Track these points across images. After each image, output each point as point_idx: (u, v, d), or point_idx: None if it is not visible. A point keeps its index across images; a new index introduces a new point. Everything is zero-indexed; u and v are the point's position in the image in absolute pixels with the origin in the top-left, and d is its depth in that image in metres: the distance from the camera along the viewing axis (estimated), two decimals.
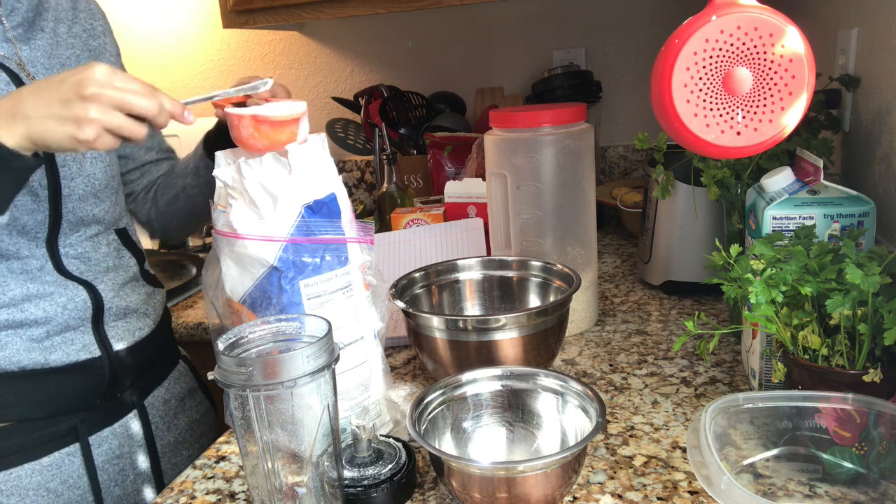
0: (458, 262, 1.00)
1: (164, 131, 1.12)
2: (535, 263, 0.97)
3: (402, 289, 0.94)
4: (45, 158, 0.83)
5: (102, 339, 0.92)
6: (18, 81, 0.85)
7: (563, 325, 0.88)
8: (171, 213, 1.08)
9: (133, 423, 0.97)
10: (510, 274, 0.99)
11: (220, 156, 0.76)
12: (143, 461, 0.97)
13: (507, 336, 0.81)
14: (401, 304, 0.87)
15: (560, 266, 0.94)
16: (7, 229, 0.83)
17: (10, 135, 0.69)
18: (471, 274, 1.00)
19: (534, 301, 0.98)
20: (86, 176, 0.91)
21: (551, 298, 0.95)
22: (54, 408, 0.89)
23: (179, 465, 1.03)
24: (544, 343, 0.84)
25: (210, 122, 1.04)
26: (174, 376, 1.05)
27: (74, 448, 0.90)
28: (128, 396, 0.97)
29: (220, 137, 1.01)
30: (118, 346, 0.94)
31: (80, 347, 0.90)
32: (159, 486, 0.99)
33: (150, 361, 1.01)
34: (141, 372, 0.99)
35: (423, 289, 0.98)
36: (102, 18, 1.02)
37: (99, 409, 0.93)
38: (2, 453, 0.86)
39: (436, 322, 0.83)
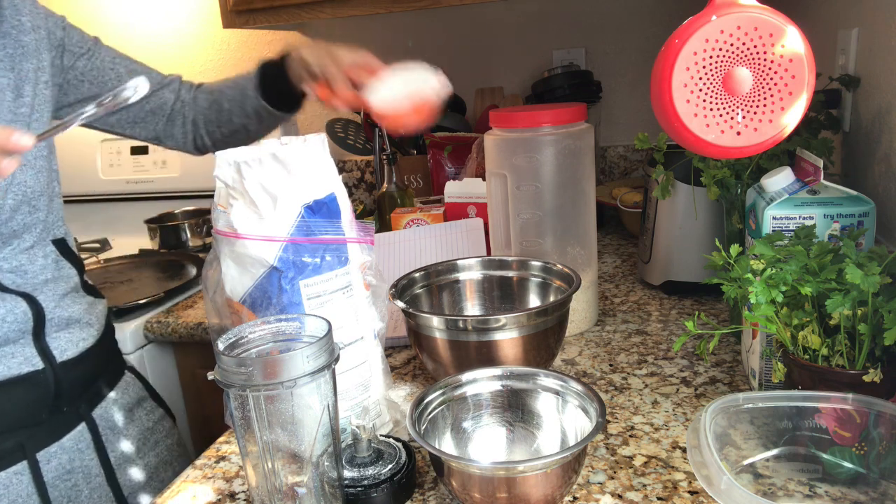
0: (458, 262, 1.00)
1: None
2: (535, 263, 0.97)
3: (402, 289, 0.94)
4: None
5: (45, 351, 0.89)
6: None
7: (563, 325, 0.88)
8: (232, 142, 1.11)
9: (83, 437, 0.94)
10: (510, 274, 0.99)
11: (220, 156, 0.76)
12: (96, 475, 0.95)
13: (507, 336, 0.81)
14: (401, 304, 0.87)
15: (560, 266, 0.94)
16: None
17: None
18: (471, 274, 1.00)
19: (534, 301, 0.98)
20: (17, 185, 0.86)
21: (551, 298, 0.95)
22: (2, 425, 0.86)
23: (137, 475, 1.00)
24: (544, 343, 0.84)
25: None
26: (121, 387, 1.02)
27: (22, 466, 0.87)
28: (75, 409, 0.93)
29: (276, 80, 1.05)
30: (62, 357, 0.91)
31: (21, 360, 0.87)
32: (118, 499, 0.97)
33: (96, 372, 0.98)
34: (87, 384, 0.96)
35: (423, 289, 0.98)
36: (25, 13, 0.93)
37: (45, 423, 0.90)
38: None
39: (436, 322, 0.83)
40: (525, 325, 0.81)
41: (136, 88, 0.70)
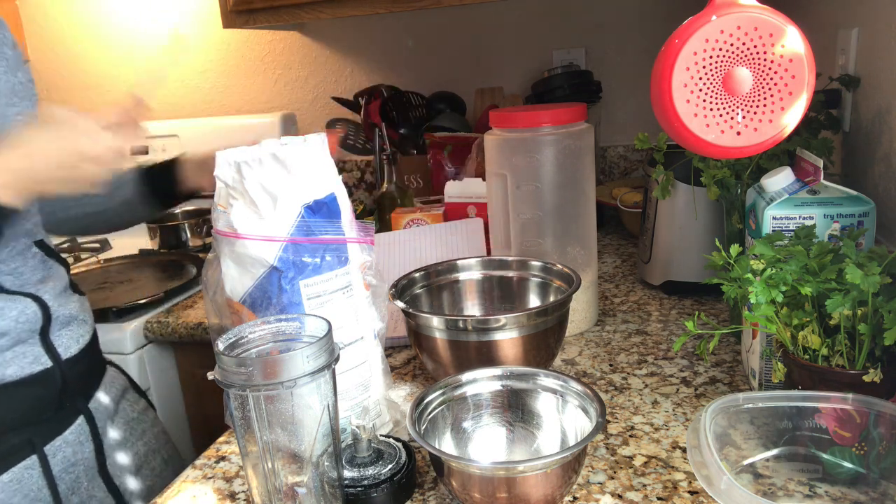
0: (458, 262, 1.00)
1: (164, 130, 1.13)
2: (535, 263, 0.97)
3: (402, 289, 0.94)
4: None
5: (51, 349, 0.91)
6: None
7: (563, 325, 0.88)
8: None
9: (82, 429, 0.95)
10: (510, 274, 0.99)
11: (220, 156, 0.76)
12: (92, 465, 0.96)
13: (507, 336, 0.81)
14: (401, 304, 0.87)
15: (560, 266, 0.94)
16: None
17: None
18: (471, 274, 1.00)
19: (534, 301, 0.98)
20: None
21: (551, 298, 0.95)
22: (10, 422, 0.88)
23: (126, 462, 1.03)
24: (544, 343, 0.84)
25: (205, 123, 1.04)
26: (107, 380, 1.04)
27: (32, 461, 0.89)
28: (73, 404, 0.95)
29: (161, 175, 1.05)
30: (66, 354, 0.93)
31: (31, 360, 0.88)
32: (110, 488, 0.98)
33: (92, 367, 1.00)
34: (86, 378, 0.98)
35: (423, 289, 0.98)
36: (6, 28, 0.94)
37: (51, 419, 0.92)
38: None
39: (436, 322, 0.83)
40: (525, 325, 0.81)
41: None
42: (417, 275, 0.97)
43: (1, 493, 0.86)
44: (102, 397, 1.01)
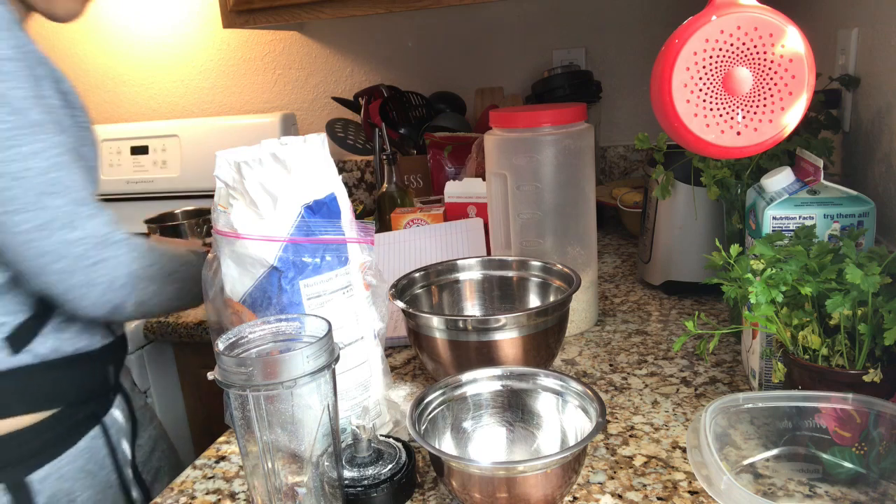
0: (458, 262, 1.00)
1: (164, 130, 1.14)
2: (535, 263, 0.97)
3: (402, 289, 0.94)
4: None
5: (109, 325, 0.99)
6: None
7: (563, 325, 0.88)
8: None
9: (122, 404, 1.02)
10: (510, 274, 0.99)
11: (220, 156, 0.76)
12: (128, 437, 1.03)
13: (507, 336, 0.81)
14: (401, 304, 0.87)
15: (560, 266, 0.94)
16: None
17: None
18: (471, 274, 1.00)
19: (534, 301, 0.98)
20: None
21: (551, 298, 0.95)
22: (91, 390, 0.96)
23: (144, 439, 1.07)
24: (544, 343, 0.84)
25: (205, 123, 1.05)
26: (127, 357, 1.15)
27: (97, 431, 0.96)
28: (117, 379, 1.03)
29: None
30: (118, 332, 1.01)
31: (107, 332, 0.97)
32: (131, 463, 1.04)
33: (125, 347, 1.08)
34: (125, 356, 1.07)
35: (423, 289, 0.98)
36: None
37: (110, 390, 1.00)
38: (52, 442, 0.91)
39: (436, 322, 0.83)
40: (525, 325, 0.81)
41: None
42: (417, 275, 0.97)
43: (78, 459, 0.93)
44: (124, 377, 1.08)
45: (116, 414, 1.00)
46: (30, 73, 0.80)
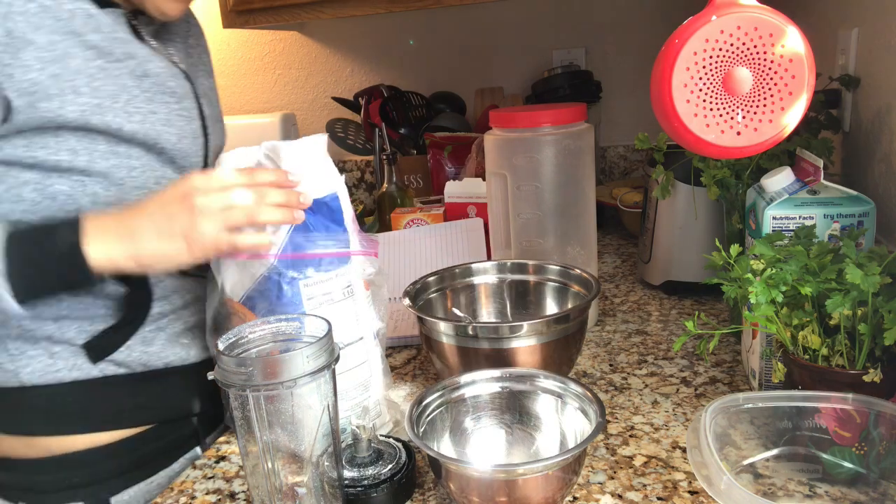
0: (473, 265, 0.98)
1: None
2: (554, 267, 0.95)
3: (416, 293, 0.91)
4: (203, 160, 0.87)
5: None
6: (193, 87, 0.88)
7: (583, 332, 0.85)
8: None
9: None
10: (527, 278, 0.97)
11: (224, 157, 0.76)
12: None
13: (525, 344, 0.79)
14: (415, 310, 0.84)
15: (578, 271, 0.92)
16: None
17: (108, 251, 0.69)
18: (486, 278, 0.98)
19: (551, 306, 0.96)
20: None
21: (569, 304, 0.93)
22: (186, 408, 0.90)
23: None
24: (566, 353, 0.83)
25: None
26: None
27: (195, 453, 0.91)
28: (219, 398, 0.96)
29: None
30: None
31: (199, 348, 0.90)
32: None
33: None
34: None
35: (437, 293, 0.96)
36: (204, 36, 1.02)
37: (213, 409, 0.94)
38: (144, 461, 0.86)
39: (443, 327, 0.82)
40: (544, 332, 0.79)
41: None
42: (432, 279, 0.95)
43: (172, 482, 0.86)
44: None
45: (216, 434, 0.93)
46: None
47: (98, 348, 0.82)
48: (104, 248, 0.70)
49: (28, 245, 0.70)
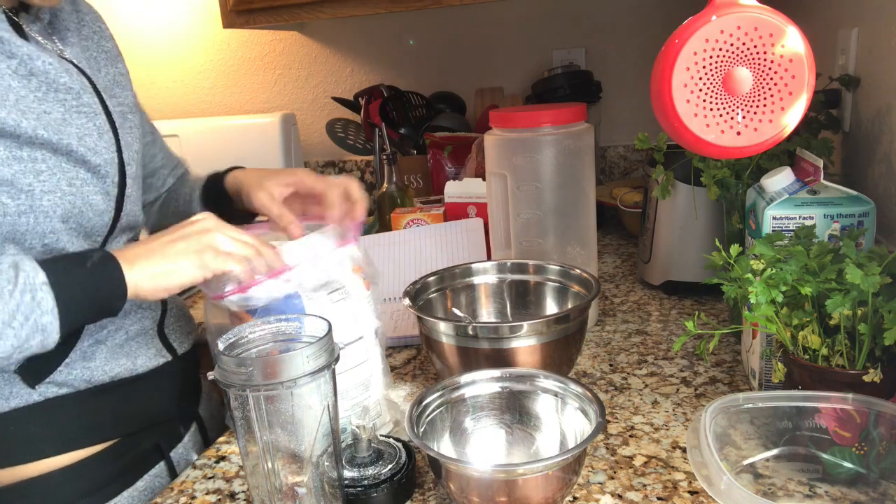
0: (473, 265, 0.98)
1: (164, 130, 1.12)
2: (554, 267, 0.95)
3: (416, 293, 0.91)
4: (117, 156, 0.83)
5: (168, 343, 0.90)
6: (91, 81, 0.83)
7: (583, 332, 0.85)
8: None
9: (196, 437, 0.93)
10: (527, 278, 0.97)
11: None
12: None
13: (525, 344, 0.79)
14: (411, 307, 0.84)
15: (578, 271, 0.92)
16: (72, 232, 0.77)
17: (137, 281, 0.69)
18: (486, 278, 0.98)
19: (551, 306, 0.96)
20: (133, 178, 0.87)
21: (569, 304, 0.93)
22: (142, 421, 0.86)
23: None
24: (566, 353, 0.83)
25: (205, 123, 1.04)
26: (204, 381, 1.02)
27: (160, 468, 0.88)
28: (187, 405, 0.94)
29: (213, 194, 1.00)
30: (180, 350, 0.92)
31: (154, 353, 0.87)
32: None
33: (198, 367, 0.98)
34: (195, 378, 0.97)
35: (437, 293, 0.95)
36: (102, 21, 0.99)
37: (173, 421, 0.90)
38: (104, 482, 0.82)
39: (443, 327, 0.82)
40: (544, 332, 0.79)
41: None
42: (432, 279, 0.95)
43: (137, 501, 0.85)
44: (206, 399, 0.99)
45: (185, 449, 0.91)
46: None
47: (33, 371, 0.77)
48: (135, 276, 0.69)
49: (69, 279, 0.67)
